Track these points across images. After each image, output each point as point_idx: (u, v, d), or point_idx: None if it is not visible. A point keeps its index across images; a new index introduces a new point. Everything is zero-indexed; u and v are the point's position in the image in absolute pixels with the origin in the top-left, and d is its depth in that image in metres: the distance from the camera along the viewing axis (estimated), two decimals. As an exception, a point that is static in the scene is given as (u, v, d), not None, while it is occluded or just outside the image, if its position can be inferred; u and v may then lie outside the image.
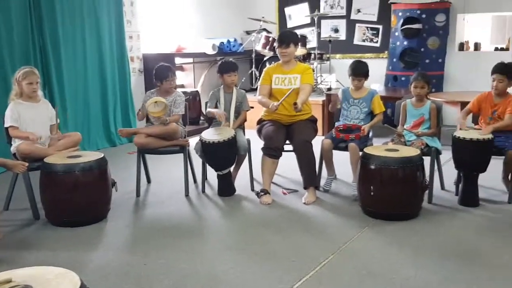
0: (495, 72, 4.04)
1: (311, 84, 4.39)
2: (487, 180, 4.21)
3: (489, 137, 3.83)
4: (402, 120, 4.35)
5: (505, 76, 3.99)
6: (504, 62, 4.11)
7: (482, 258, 3.02)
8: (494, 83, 4.04)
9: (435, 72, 7.05)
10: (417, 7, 7.00)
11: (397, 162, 3.60)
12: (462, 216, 3.75)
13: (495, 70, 4.05)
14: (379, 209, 3.67)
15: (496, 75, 4.02)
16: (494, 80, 4.04)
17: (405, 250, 3.15)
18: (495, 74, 4.03)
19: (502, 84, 4.00)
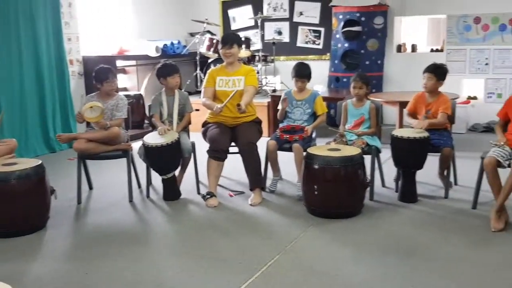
0: (426, 71, 4.23)
1: (255, 86, 4.42)
2: (424, 176, 4.38)
3: (425, 135, 3.99)
4: (344, 120, 4.46)
5: (434, 75, 4.18)
6: (436, 63, 4.30)
7: (420, 252, 3.14)
8: (424, 81, 4.23)
9: (375, 73, 7.28)
10: (356, 10, 7.20)
11: (339, 161, 3.69)
12: (402, 212, 3.88)
13: (426, 69, 4.25)
14: (323, 208, 3.75)
15: (426, 74, 4.21)
16: (424, 78, 4.22)
17: (347, 247, 3.22)
18: (425, 73, 4.22)
19: (431, 82, 4.19)
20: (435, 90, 4.24)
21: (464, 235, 3.39)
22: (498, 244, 3.22)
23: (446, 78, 4.26)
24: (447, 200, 4.12)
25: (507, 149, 3.59)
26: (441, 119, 4.17)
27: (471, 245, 3.22)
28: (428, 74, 4.21)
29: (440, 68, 4.24)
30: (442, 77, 4.20)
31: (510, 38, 6.75)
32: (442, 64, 4.31)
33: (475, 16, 6.92)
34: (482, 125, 6.88)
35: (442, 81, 4.23)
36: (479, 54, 6.96)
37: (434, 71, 4.20)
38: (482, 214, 3.71)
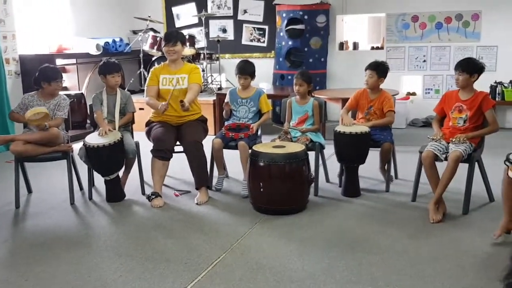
0: (367, 69, 4.34)
1: (199, 84, 4.39)
2: (367, 171, 4.50)
3: (366, 130, 4.10)
4: (288, 117, 4.51)
5: (375, 72, 4.30)
6: (377, 60, 4.42)
7: (363, 244, 3.23)
8: (365, 78, 4.34)
9: (319, 70, 7.40)
10: (299, 8, 7.28)
11: (284, 158, 3.72)
12: (345, 206, 3.97)
13: (367, 67, 4.36)
14: (268, 205, 3.77)
15: (368, 71, 4.33)
16: (366, 75, 4.34)
17: (293, 242, 3.26)
18: (367, 70, 4.34)
19: (373, 79, 4.31)
20: (377, 87, 4.36)
21: (404, 227, 3.51)
22: (436, 235, 3.36)
23: (387, 76, 4.38)
24: (388, 193, 4.25)
25: (443, 143, 3.75)
26: (390, 118, 4.30)
27: (411, 237, 3.34)
28: (369, 71, 4.32)
29: (381, 65, 4.36)
30: (383, 74, 4.33)
31: (446, 36, 7.05)
32: (383, 62, 4.44)
33: (413, 15, 7.18)
34: (421, 120, 7.15)
35: (383, 78, 4.35)
36: (417, 51, 7.23)
37: (375, 68, 4.31)
38: (421, 206, 3.85)
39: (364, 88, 4.44)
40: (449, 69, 7.03)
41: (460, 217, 3.67)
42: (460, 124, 3.78)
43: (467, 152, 3.64)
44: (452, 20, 6.99)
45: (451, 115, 3.84)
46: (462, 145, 3.64)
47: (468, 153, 3.65)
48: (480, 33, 6.87)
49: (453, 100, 3.83)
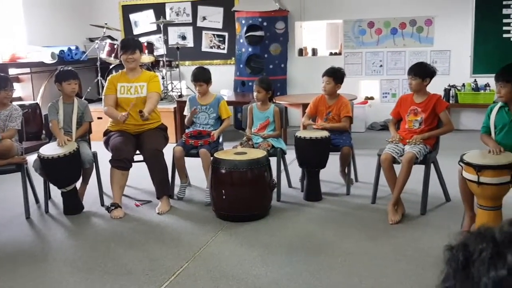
0: (324, 75, 4.40)
1: (158, 93, 4.34)
2: (328, 175, 4.55)
3: (326, 135, 4.14)
4: (249, 123, 4.52)
5: (332, 78, 4.36)
6: (334, 67, 4.49)
7: (325, 248, 3.25)
8: (323, 85, 4.39)
9: (279, 76, 7.45)
10: (258, 15, 7.33)
11: (246, 165, 3.72)
12: (308, 211, 4.00)
13: (324, 73, 4.41)
14: (231, 212, 3.76)
15: (325, 77, 4.38)
16: (323, 82, 4.39)
17: (256, 249, 3.26)
18: (324, 77, 4.39)
19: (330, 85, 4.37)
20: (334, 92, 4.42)
21: (364, 229, 3.56)
22: (395, 236, 3.42)
23: (343, 81, 4.45)
24: (349, 196, 4.31)
25: (400, 145, 3.83)
26: (344, 123, 4.36)
27: (371, 239, 3.39)
28: (326, 77, 4.38)
29: (338, 72, 4.43)
30: (339, 80, 4.39)
31: (401, 41, 7.23)
32: (339, 68, 4.50)
33: (369, 21, 7.33)
34: (380, 124, 7.29)
35: (340, 84, 4.42)
36: (374, 56, 7.39)
37: (332, 74, 4.37)
38: (381, 208, 3.92)
39: (322, 94, 4.49)
40: (404, 74, 7.15)
41: (418, 217, 3.76)
42: (416, 126, 3.88)
43: (422, 153, 3.73)
44: (407, 25, 7.18)
45: (406, 118, 3.93)
46: (417, 147, 3.73)
47: (423, 154, 3.74)
48: (434, 38, 7.08)
49: (408, 103, 3.93)
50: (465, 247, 0.63)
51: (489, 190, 3.02)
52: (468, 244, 0.63)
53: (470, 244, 0.62)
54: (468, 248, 0.62)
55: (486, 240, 0.61)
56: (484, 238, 0.62)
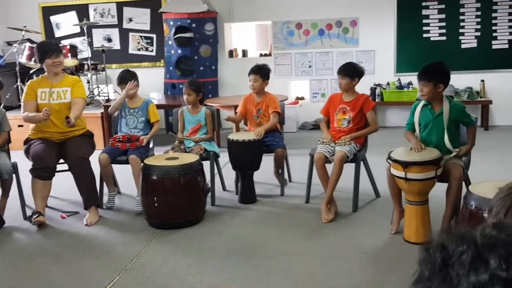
0: (250, 73, 4.39)
1: (84, 98, 4.14)
2: (262, 176, 4.53)
3: (259, 137, 4.13)
4: (181, 127, 4.41)
5: (259, 76, 4.37)
6: (258, 64, 4.50)
7: (261, 251, 3.23)
8: (250, 83, 4.38)
9: (210, 78, 7.37)
10: (186, 16, 7.21)
11: (178, 170, 3.63)
12: (243, 214, 3.96)
13: (250, 71, 4.41)
14: (164, 219, 3.65)
15: (252, 76, 4.37)
16: (251, 80, 4.38)
17: (192, 256, 3.18)
18: (250, 75, 4.38)
19: (257, 83, 4.37)
20: (262, 90, 4.43)
21: (299, 229, 3.58)
22: (329, 235, 3.46)
23: (270, 77, 4.47)
24: (283, 197, 4.32)
25: (332, 144, 3.89)
26: (273, 119, 4.36)
27: (306, 239, 3.41)
28: (253, 75, 4.37)
29: (263, 68, 4.44)
30: (266, 77, 4.40)
31: (328, 42, 7.38)
32: (264, 65, 4.52)
33: (297, 22, 7.43)
34: (311, 123, 7.41)
35: (267, 81, 4.43)
36: (303, 57, 7.49)
37: (258, 71, 4.38)
38: (315, 207, 3.95)
39: (250, 93, 4.48)
40: (332, 74, 7.35)
41: (351, 214, 3.83)
42: (344, 125, 3.95)
43: (352, 152, 3.80)
44: (333, 27, 7.34)
45: (335, 117, 3.99)
46: (347, 146, 3.80)
47: (353, 153, 3.82)
48: (359, 38, 7.28)
49: (338, 102, 3.99)
50: (444, 248, 0.59)
51: (416, 185, 3.12)
52: (447, 245, 0.59)
53: (449, 245, 0.59)
54: (446, 249, 0.59)
55: (467, 242, 0.58)
56: (465, 240, 0.59)
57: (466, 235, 0.59)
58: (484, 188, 2.67)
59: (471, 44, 6.90)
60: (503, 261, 0.53)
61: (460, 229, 0.61)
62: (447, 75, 3.37)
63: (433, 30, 6.98)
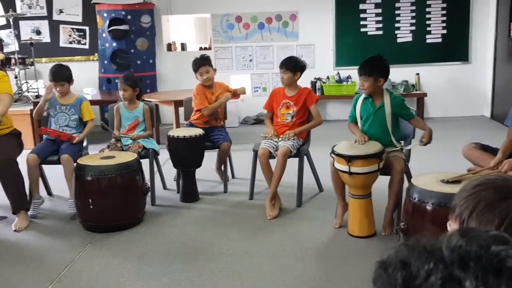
0: (201, 66, 4.24)
1: (10, 94, 3.84)
2: (204, 173, 4.40)
3: (201, 133, 4.00)
4: (117, 124, 4.20)
5: (211, 67, 4.26)
6: (202, 55, 4.38)
7: (205, 251, 3.11)
8: (202, 77, 4.24)
9: (148, 72, 7.13)
10: (121, 8, 6.92)
11: (115, 170, 3.44)
12: (185, 213, 3.82)
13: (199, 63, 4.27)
14: (101, 222, 3.45)
15: (202, 68, 4.23)
16: (202, 74, 4.24)
17: (130, 261, 3.01)
18: (202, 67, 4.24)
19: (209, 74, 4.24)
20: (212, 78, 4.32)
21: (243, 227, 3.49)
22: (274, 232, 3.40)
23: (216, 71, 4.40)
24: (227, 194, 4.22)
25: (275, 139, 3.82)
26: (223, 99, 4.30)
27: (251, 237, 3.33)
28: (204, 67, 4.24)
29: (208, 58, 4.36)
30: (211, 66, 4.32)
31: (268, 35, 7.33)
32: (206, 55, 4.41)
33: (237, 15, 7.32)
34: (252, 118, 7.34)
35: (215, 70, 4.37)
36: (243, 51, 7.40)
37: (207, 63, 4.29)
38: (259, 203, 3.88)
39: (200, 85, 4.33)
40: (273, 68, 7.32)
41: (295, 210, 3.79)
42: (288, 120, 3.90)
43: (295, 147, 3.76)
44: (273, 20, 7.29)
45: (279, 112, 3.93)
46: (290, 141, 3.75)
47: (296, 147, 3.78)
48: (298, 32, 7.28)
49: (281, 97, 3.94)
50: (405, 266, 0.50)
51: (359, 179, 3.11)
52: (409, 263, 0.50)
53: (412, 263, 0.50)
54: (409, 268, 0.50)
55: (434, 259, 0.49)
56: (430, 256, 0.50)
57: (431, 250, 0.50)
58: (426, 180, 2.68)
59: (406, 38, 7.07)
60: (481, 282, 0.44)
61: (422, 241, 0.52)
62: (387, 69, 3.39)
63: (370, 24, 7.09)
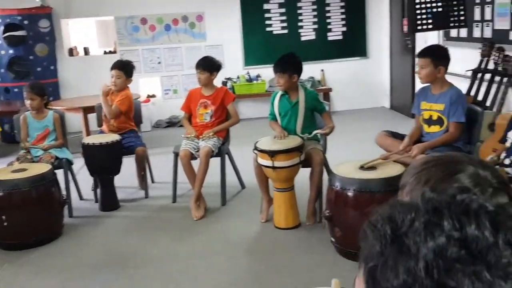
0: (112, 69, 4.14)
1: None
2: (122, 180, 4.28)
3: (117, 138, 3.90)
4: (24, 135, 3.96)
5: (123, 72, 4.16)
6: (121, 60, 4.34)
7: (133, 258, 3.05)
8: (112, 79, 4.13)
9: (49, 80, 6.75)
10: (16, 12, 6.50)
11: (28, 183, 3.27)
12: (106, 222, 3.70)
13: (112, 67, 4.17)
14: (16, 239, 3.25)
15: (114, 71, 4.13)
16: (113, 76, 4.13)
17: (53, 276, 2.87)
18: (113, 70, 4.13)
19: (120, 80, 4.14)
20: (124, 86, 4.21)
21: (170, 230, 3.46)
22: (202, 232, 3.40)
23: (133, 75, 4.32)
24: (148, 199, 4.14)
25: (196, 140, 3.82)
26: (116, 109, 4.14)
27: (179, 239, 3.31)
28: (116, 71, 4.13)
29: (128, 64, 4.27)
30: (129, 74, 4.23)
31: (176, 37, 7.26)
32: (128, 61, 4.32)
33: (142, 17, 7.17)
34: (165, 121, 7.24)
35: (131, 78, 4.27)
36: (151, 53, 7.27)
37: (122, 68, 4.18)
38: (183, 206, 3.86)
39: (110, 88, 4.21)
40: (183, 69, 7.30)
41: (220, 209, 3.81)
42: (207, 119, 3.91)
43: (216, 146, 3.79)
44: (179, 21, 7.24)
45: (197, 112, 3.94)
46: (211, 140, 3.77)
47: (218, 147, 3.81)
48: (206, 33, 7.30)
49: (198, 97, 3.94)
50: (391, 219, 0.58)
51: (283, 173, 3.21)
52: (393, 217, 0.58)
53: (397, 216, 0.58)
54: (394, 220, 0.57)
55: (413, 210, 0.58)
56: (410, 208, 0.58)
57: (409, 205, 0.59)
58: (346, 168, 2.85)
59: (310, 36, 7.36)
60: (456, 221, 0.54)
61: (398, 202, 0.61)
62: (300, 66, 3.53)
63: (275, 24, 7.28)
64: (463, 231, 0.54)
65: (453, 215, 0.55)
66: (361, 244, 0.60)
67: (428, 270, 0.52)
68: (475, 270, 0.51)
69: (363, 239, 0.59)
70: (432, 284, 0.52)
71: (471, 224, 0.54)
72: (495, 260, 0.52)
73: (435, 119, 3.23)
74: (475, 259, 0.52)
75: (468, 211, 0.55)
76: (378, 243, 0.57)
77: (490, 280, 0.51)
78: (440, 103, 3.20)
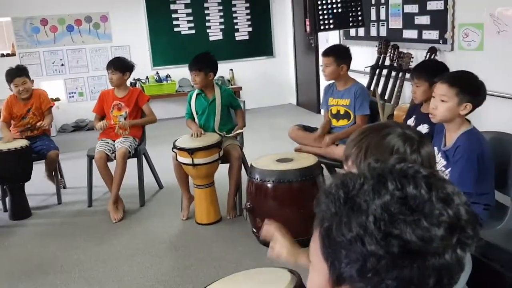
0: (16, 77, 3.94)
1: None
2: (31, 187, 4.08)
3: (26, 143, 3.73)
4: None
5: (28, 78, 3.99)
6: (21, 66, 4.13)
7: (53, 264, 2.96)
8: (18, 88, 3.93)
9: None
10: None
11: None
12: (19, 231, 3.54)
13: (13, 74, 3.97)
14: None
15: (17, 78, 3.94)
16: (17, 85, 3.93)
17: (-32, 291, 2.71)
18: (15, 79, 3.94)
19: (26, 85, 3.96)
20: (30, 90, 4.03)
21: (89, 234, 3.39)
22: (122, 234, 3.37)
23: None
24: (62, 205, 4.00)
25: (111, 142, 3.76)
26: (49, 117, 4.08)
27: (99, 242, 3.26)
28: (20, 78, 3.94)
29: (23, 69, 4.05)
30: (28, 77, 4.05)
31: (79, 38, 7.01)
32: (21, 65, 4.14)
33: (41, 18, 6.83)
34: (71, 125, 6.97)
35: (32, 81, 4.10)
36: (53, 55, 6.95)
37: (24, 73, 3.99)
38: (100, 209, 3.79)
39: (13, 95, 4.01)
40: (88, 71, 7.07)
41: (139, 209, 3.79)
42: (122, 121, 3.87)
43: (133, 147, 3.76)
44: (83, 22, 7.00)
45: (111, 114, 3.88)
46: (127, 141, 3.74)
47: (134, 147, 3.78)
48: (111, 34, 7.13)
49: (111, 98, 3.88)
50: (344, 185, 0.70)
51: (203, 169, 3.28)
52: (345, 182, 0.70)
53: (348, 182, 0.70)
54: (347, 185, 0.70)
55: (362, 176, 0.70)
56: (359, 175, 0.71)
57: (359, 172, 0.72)
58: (264, 161, 2.98)
59: (217, 36, 7.46)
60: (398, 183, 0.68)
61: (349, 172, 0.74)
62: (215, 64, 3.62)
63: (182, 24, 7.29)
64: (403, 191, 0.67)
65: (395, 179, 0.68)
66: (315, 211, 0.72)
67: (376, 222, 0.65)
68: (414, 219, 0.64)
69: (317, 206, 0.71)
70: (380, 233, 0.64)
71: (410, 185, 0.67)
72: (430, 212, 0.65)
73: (342, 113, 3.48)
74: (414, 211, 0.65)
75: (407, 175, 0.69)
76: (333, 205, 0.69)
77: (427, 227, 0.64)
78: (346, 98, 3.45)
